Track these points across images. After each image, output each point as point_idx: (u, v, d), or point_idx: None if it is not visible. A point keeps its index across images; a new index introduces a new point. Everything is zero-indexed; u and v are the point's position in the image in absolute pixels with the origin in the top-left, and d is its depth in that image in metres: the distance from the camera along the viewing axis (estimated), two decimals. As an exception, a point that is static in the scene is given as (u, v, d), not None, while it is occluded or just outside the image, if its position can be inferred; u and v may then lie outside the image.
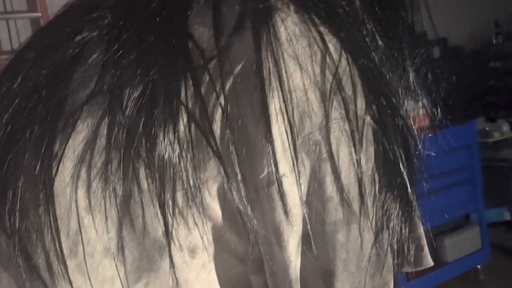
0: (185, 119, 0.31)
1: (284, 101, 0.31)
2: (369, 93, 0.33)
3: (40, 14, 2.38)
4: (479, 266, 2.54)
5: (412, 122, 0.38)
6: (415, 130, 0.38)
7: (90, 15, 0.36)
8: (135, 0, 0.36)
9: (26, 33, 2.45)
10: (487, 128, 2.85)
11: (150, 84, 0.31)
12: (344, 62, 0.33)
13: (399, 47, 0.40)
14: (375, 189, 0.34)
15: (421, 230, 0.38)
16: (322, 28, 0.33)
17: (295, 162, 0.31)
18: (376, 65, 0.35)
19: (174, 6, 0.34)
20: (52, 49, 0.37)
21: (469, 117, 2.80)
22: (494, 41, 3.70)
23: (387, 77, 0.37)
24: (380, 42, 0.37)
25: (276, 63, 0.31)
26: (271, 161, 0.31)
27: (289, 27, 0.33)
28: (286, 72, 0.31)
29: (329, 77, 0.32)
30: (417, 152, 0.37)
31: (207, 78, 0.32)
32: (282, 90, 0.31)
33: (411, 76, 0.41)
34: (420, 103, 0.44)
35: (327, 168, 0.32)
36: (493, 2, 4.06)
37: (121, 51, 0.33)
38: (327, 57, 0.32)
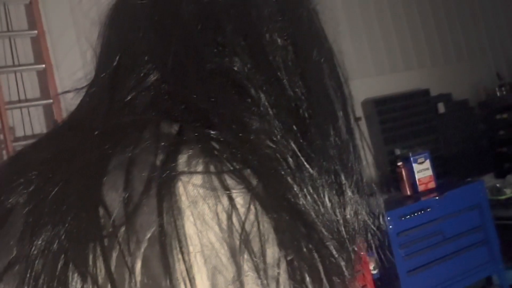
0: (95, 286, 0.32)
1: (185, 265, 0.32)
2: (282, 241, 0.34)
3: (52, 101, 2.49)
4: (507, 331, 2.41)
5: (340, 251, 0.37)
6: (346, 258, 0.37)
7: (18, 179, 0.38)
8: (62, 161, 0.38)
9: (40, 120, 2.56)
10: (497, 185, 2.78)
11: (62, 253, 0.33)
12: (252, 217, 0.34)
13: (333, 170, 0.40)
14: None
15: None
16: (230, 182, 0.34)
17: None
18: (296, 207, 0.36)
19: (90, 171, 0.36)
20: None
21: (478, 173, 2.73)
22: (498, 93, 3.71)
23: (316, 209, 0.37)
24: (310, 170, 0.38)
25: (177, 228, 0.32)
26: None
27: (190, 191, 0.34)
28: (186, 235, 0.33)
29: (236, 233, 0.33)
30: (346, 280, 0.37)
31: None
32: (183, 255, 0.32)
33: (349, 193, 0.41)
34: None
35: None
36: (493, 54, 4.11)
37: (38, 221, 0.35)
38: (233, 214, 0.33)
